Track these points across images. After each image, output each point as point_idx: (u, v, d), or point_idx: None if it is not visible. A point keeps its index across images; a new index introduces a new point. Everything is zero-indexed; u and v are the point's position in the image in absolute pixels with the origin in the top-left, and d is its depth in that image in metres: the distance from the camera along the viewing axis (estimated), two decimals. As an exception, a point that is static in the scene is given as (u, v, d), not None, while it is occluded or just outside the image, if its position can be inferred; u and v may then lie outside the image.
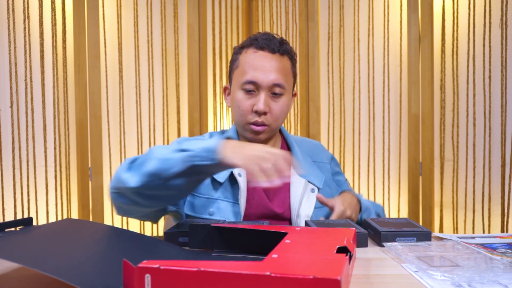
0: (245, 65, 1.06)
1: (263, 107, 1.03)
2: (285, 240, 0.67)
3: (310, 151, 1.20)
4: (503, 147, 1.72)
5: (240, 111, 1.07)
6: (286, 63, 1.08)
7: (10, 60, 1.70)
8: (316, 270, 0.50)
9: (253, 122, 1.06)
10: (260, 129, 1.06)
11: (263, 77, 1.04)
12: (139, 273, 0.49)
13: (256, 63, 1.05)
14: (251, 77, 1.04)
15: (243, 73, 1.06)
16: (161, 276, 0.49)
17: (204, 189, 1.08)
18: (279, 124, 1.09)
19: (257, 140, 1.09)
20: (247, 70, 1.05)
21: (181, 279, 0.49)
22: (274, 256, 0.56)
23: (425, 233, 0.84)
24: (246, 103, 1.05)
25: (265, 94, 1.04)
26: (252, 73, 1.04)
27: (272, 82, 1.04)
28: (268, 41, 1.06)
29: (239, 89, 1.07)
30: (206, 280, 0.48)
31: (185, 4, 2.04)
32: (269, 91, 1.05)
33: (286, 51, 1.09)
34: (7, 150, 1.69)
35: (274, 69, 1.04)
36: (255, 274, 0.48)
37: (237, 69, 1.09)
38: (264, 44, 1.06)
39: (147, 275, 0.49)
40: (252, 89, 1.05)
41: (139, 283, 0.49)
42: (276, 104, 1.06)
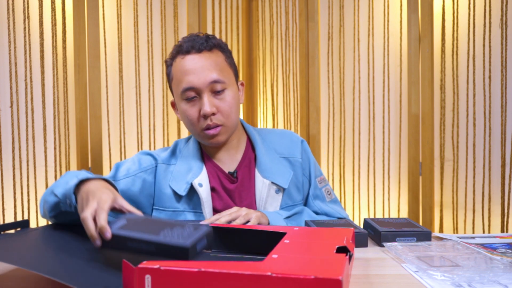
0: (178, 74, 1.03)
1: (209, 109, 1.00)
2: (284, 240, 0.67)
3: (279, 145, 1.15)
4: (503, 147, 1.72)
5: (189, 121, 1.04)
6: (217, 57, 1.04)
7: (10, 60, 1.70)
8: (317, 270, 0.50)
9: (205, 127, 1.03)
10: (214, 132, 1.03)
11: (197, 79, 1.00)
12: (139, 274, 0.49)
13: (186, 68, 1.02)
14: (186, 84, 1.01)
15: (178, 83, 1.03)
16: (161, 277, 0.49)
17: (168, 202, 1.07)
18: (233, 120, 1.06)
19: (217, 143, 1.06)
20: (180, 78, 1.02)
21: (181, 279, 0.49)
22: (274, 256, 0.56)
23: (425, 233, 0.84)
24: (192, 111, 1.03)
25: (207, 95, 1.01)
26: (186, 79, 1.01)
27: (209, 81, 1.01)
28: (192, 43, 1.03)
29: (181, 100, 1.04)
30: (207, 281, 0.48)
31: (185, 4, 2.04)
32: (210, 91, 1.02)
33: (214, 45, 1.05)
34: (7, 150, 1.69)
35: (206, 68, 1.01)
36: (256, 274, 0.47)
37: (173, 81, 1.06)
38: (188, 47, 1.03)
39: (147, 275, 0.49)
40: (193, 95, 1.02)
41: (139, 284, 0.49)
42: (221, 101, 1.03)
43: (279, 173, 1.08)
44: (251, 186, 1.08)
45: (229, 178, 1.09)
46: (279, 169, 1.09)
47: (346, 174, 2.07)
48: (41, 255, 0.64)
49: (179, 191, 1.05)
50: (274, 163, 1.09)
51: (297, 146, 1.14)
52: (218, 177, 1.09)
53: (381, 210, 2.03)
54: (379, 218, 0.97)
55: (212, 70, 1.01)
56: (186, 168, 1.08)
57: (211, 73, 1.01)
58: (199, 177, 1.05)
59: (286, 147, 1.14)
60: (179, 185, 1.06)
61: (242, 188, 1.08)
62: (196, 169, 1.07)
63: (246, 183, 1.09)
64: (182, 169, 1.08)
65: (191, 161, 1.09)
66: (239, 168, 1.10)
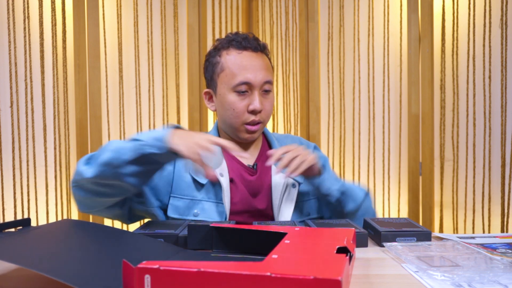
0: (233, 67, 1.07)
1: (260, 106, 1.06)
2: (284, 240, 0.67)
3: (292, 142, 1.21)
4: (503, 147, 1.72)
5: (235, 113, 1.07)
6: (266, 59, 1.12)
7: (10, 60, 1.70)
8: (317, 270, 0.50)
9: (249, 122, 1.07)
10: (255, 128, 1.08)
11: (254, 76, 1.05)
12: (139, 274, 0.49)
13: (244, 63, 1.06)
14: (244, 78, 1.05)
15: (232, 76, 1.06)
16: (160, 277, 0.49)
17: (186, 190, 1.08)
18: (269, 118, 1.13)
19: (252, 139, 1.11)
20: (236, 71, 1.06)
21: (180, 279, 0.49)
22: (274, 256, 0.56)
23: (425, 233, 0.84)
24: (241, 104, 1.06)
25: (258, 93, 1.07)
26: (244, 74, 1.05)
27: (263, 80, 1.06)
28: (248, 41, 1.08)
29: (231, 92, 1.07)
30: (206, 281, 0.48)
31: (185, 4, 2.04)
32: (261, 89, 1.07)
33: (264, 48, 1.12)
34: (7, 150, 1.69)
35: (262, 67, 1.07)
36: (255, 274, 0.48)
37: (223, 72, 1.08)
38: (246, 44, 1.08)
39: (146, 275, 0.49)
40: (245, 90, 1.06)
41: (139, 283, 0.49)
42: (267, 100, 1.09)
43: None
44: (268, 180, 1.11)
45: (248, 171, 1.12)
46: None
47: (346, 174, 2.07)
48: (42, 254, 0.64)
49: (200, 179, 1.07)
50: None
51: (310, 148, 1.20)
52: (238, 170, 1.11)
53: (381, 210, 2.03)
54: (379, 218, 0.97)
55: (266, 70, 1.08)
56: None
57: (265, 73, 1.07)
58: (220, 167, 1.08)
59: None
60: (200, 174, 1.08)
61: (260, 181, 1.11)
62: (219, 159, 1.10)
63: (263, 176, 1.12)
64: None
65: None
66: (258, 161, 1.14)
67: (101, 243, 0.76)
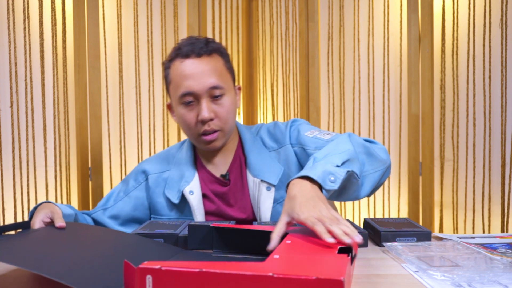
0: (176, 78, 1.02)
1: (207, 114, 0.99)
2: (286, 240, 0.67)
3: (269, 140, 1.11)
4: (503, 147, 1.72)
5: (186, 125, 1.03)
6: (216, 62, 1.03)
7: (10, 60, 1.70)
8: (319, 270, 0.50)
9: (202, 132, 1.02)
10: (212, 138, 1.03)
11: (197, 84, 0.99)
12: (140, 274, 0.49)
13: (186, 72, 1.00)
14: (185, 89, 1.00)
15: (177, 87, 1.02)
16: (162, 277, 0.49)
17: (162, 210, 1.08)
18: (230, 126, 1.05)
19: (214, 148, 1.06)
20: (179, 82, 1.01)
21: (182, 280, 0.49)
22: (275, 256, 0.56)
23: (425, 233, 0.84)
24: (190, 115, 1.02)
25: (206, 101, 1.00)
26: (185, 83, 1.00)
27: (208, 86, 1.00)
28: (192, 46, 1.02)
29: (179, 104, 1.03)
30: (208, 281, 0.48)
31: (185, 4, 2.04)
32: (209, 96, 1.01)
33: (213, 49, 1.04)
34: (7, 150, 1.69)
35: (206, 73, 1.00)
36: (257, 275, 0.47)
37: (171, 84, 1.05)
38: (188, 51, 1.01)
39: (148, 276, 0.49)
40: (191, 100, 1.01)
41: (140, 284, 0.49)
42: (220, 107, 1.02)
43: (269, 170, 1.05)
44: (244, 187, 1.07)
45: (221, 182, 1.08)
46: (269, 166, 1.06)
47: (346, 174, 2.06)
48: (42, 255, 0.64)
49: (173, 199, 1.06)
50: (264, 160, 1.07)
51: (285, 132, 1.10)
52: (210, 182, 1.09)
53: (381, 210, 2.03)
54: (379, 218, 0.97)
55: (211, 75, 1.00)
56: (179, 175, 1.09)
57: (210, 78, 1.00)
58: (190, 184, 1.05)
59: (275, 140, 1.11)
60: (172, 193, 1.07)
61: (236, 189, 1.08)
62: (188, 176, 1.07)
63: (238, 184, 1.08)
64: (175, 176, 1.09)
65: (184, 168, 1.09)
66: (230, 170, 1.09)
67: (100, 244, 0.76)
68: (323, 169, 0.80)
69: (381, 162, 0.94)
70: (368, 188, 0.92)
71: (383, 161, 0.95)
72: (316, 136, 1.05)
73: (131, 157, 1.98)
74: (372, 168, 0.92)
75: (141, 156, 1.97)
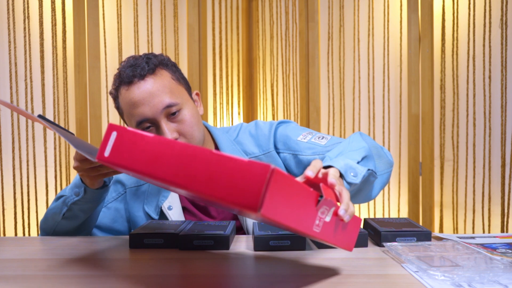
0: (127, 108, 0.95)
1: (171, 136, 0.92)
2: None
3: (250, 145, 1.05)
4: (503, 147, 1.72)
5: None
6: (163, 78, 0.95)
7: (10, 60, 1.70)
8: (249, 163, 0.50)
9: None
10: None
11: (149, 109, 0.92)
12: (109, 130, 0.60)
13: (134, 100, 0.92)
14: (139, 117, 0.93)
15: (130, 117, 0.95)
16: (124, 136, 0.59)
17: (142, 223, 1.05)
18: (197, 137, 0.97)
19: None
20: (130, 112, 0.94)
21: (139, 142, 0.57)
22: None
23: (425, 233, 0.84)
24: None
25: (164, 122, 0.93)
26: (137, 112, 0.93)
27: (161, 107, 0.92)
28: (132, 69, 0.94)
29: None
30: (159, 147, 0.55)
31: (185, 4, 2.04)
32: (165, 116, 0.93)
33: (156, 65, 0.96)
34: (7, 150, 1.69)
35: (155, 94, 0.92)
36: (199, 148, 0.52)
37: (124, 115, 0.98)
38: (129, 76, 0.93)
39: (114, 132, 0.60)
40: (149, 125, 0.94)
41: (105, 140, 0.61)
42: (180, 123, 0.95)
43: None
44: None
45: None
46: None
47: (346, 174, 2.06)
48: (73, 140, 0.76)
49: (152, 214, 1.02)
50: None
51: (270, 137, 1.03)
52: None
53: (381, 210, 2.03)
54: (379, 218, 0.97)
55: (161, 95, 0.93)
56: (157, 189, 1.04)
57: (162, 98, 0.92)
58: (168, 199, 1.01)
59: (258, 145, 1.04)
60: (151, 209, 1.03)
61: None
62: (166, 190, 1.03)
63: None
64: (153, 190, 1.05)
65: None
66: None
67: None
68: (344, 162, 0.75)
69: (389, 164, 0.92)
70: (378, 189, 0.89)
71: (390, 163, 0.93)
72: (311, 141, 0.99)
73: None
74: (382, 169, 0.89)
75: (141, 156, 1.97)
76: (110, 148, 0.60)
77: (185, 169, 0.52)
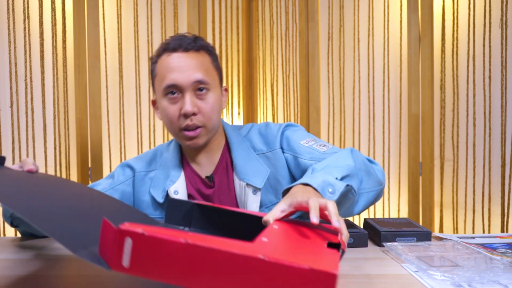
0: (162, 71, 1.00)
1: (190, 108, 0.97)
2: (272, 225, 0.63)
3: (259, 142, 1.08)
4: (503, 147, 1.72)
5: (168, 119, 1.01)
6: (204, 58, 1.02)
7: (10, 60, 1.70)
8: (311, 260, 0.46)
9: (184, 127, 0.99)
10: (194, 134, 1.00)
11: (181, 77, 0.97)
12: (120, 236, 0.44)
13: (171, 65, 0.99)
14: (170, 81, 0.98)
15: (161, 80, 1.00)
16: (143, 243, 0.44)
17: (147, 210, 1.07)
18: (214, 123, 1.02)
19: (195, 145, 1.02)
20: (164, 75, 0.99)
21: (165, 249, 0.44)
22: (263, 239, 0.53)
23: (425, 233, 0.84)
24: (173, 108, 0.99)
25: (190, 95, 0.98)
26: (170, 76, 0.98)
27: (193, 80, 0.97)
28: (180, 41, 1.00)
29: (163, 97, 1.00)
30: (193, 255, 0.44)
31: (185, 4, 2.04)
32: (193, 90, 0.98)
33: (201, 47, 1.02)
34: (7, 150, 1.69)
35: (192, 67, 0.98)
36: (247, 255, 0.44)
37: (156, 77, 1.03)
38: (176, 45, 1.00)
39: (128, 238, 0.44)
40: (174, 92, 0.99)
41: (118, 246, 0.44)
42: (204, 102, 0.99)
43: (255, 173, 1.03)
44: (231, 189, 1.04)
45: (206, 184, 1.06)
46: (255, 168, 1.03)
47: (346, 174, 2.06)
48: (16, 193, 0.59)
49: (157, 198, 1.04)
50: (250, 163, 1.04)
51: (276, 136, 1.08)
52: (196, 183, 1.07)
53: (381, 210, 2.03)
54: (379, 218, 0.97)
55: (197, 70, 0.98)
56: (165, 175, 1.06)
57: (196, 72, 0.98)
58: (175, 184, 1.03)
59: (266, 143, 1.08)
60: (157, 192, 1.04)
61: (221, 192, 1.05)
62: (173, 176, 1.05)
63: (224, 186, 1.06)
64: (161, 176, 1.07)
65: (170, 167, 1.07)
66: (215, 173, 1.06)
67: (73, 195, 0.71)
68: (322, 179, 0.79)
69: (377, 182, 0.94)
70: (361, 206, 0.91)
71: (379, 181, 0.95)
72: (311, 146, 1.03)
73: (131, 157, 1.98)
74: (369, 187, 0.92)
75: (141, 156, 1.97)
76: (128, 258, 0.44)
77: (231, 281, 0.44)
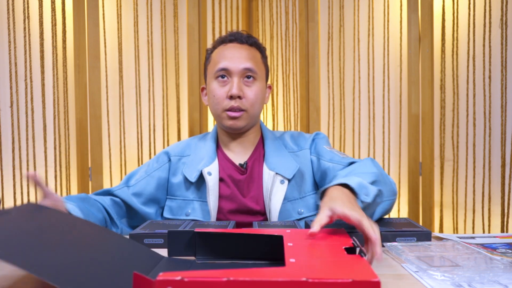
0: (216, 57, 1.13)
1: (237, 91, 1.08)
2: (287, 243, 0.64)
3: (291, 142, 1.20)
4: (503, 147, 1.72)
5: (215, 99, 1.11)
6: (255, 53, 1.15)
7: (10, 60, 1.70)
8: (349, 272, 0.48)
9: (229, 108, 1.09)
10: (237, 115, 1.10)
11: (233, 63, 1.10)
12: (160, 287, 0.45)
13: (225, 53, 1.12)
14: (222, 65, 1.10)
15: (215, 65, 1.12)
16: None
17: (178, 191, 1.13)
18: (256, 110, 1.13)
19: (236, 127, 1.11)
20: (218, 60, 1.12)
21: None
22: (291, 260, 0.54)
23: (425, 233, 0.84)
24: (221, 90, 1.10)
25: (238, 80, 1.09)
26: (223, 61, 1.10)
27: (242, 67, 1.09)
28: (236, 35, 1.15)
29: (213, 79, 1.12)
30: None
31: (185, 4, 2.04)
32: (241, 76, 1.10)
33: (254, 43, 1.16)
34: (7, 150, 1.69)
35: (244, 56, 1.11)
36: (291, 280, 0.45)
37: (210, 63, 1.16)
38: (232, 38, 1.14)
39: None
40: (224, 75, 1.10)
41: None
42: (249, 89, 1.11)
43: (285, 165, 1.12)
44: (260, 179, 1.12)
45: (238, 170, 1.13)
46: (286, 162, 1.13)
47: (346, 174, 2.06)
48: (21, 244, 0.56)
49: (190, 177, 1.11)
50: (281, 157, 1.14)
51: (308, 140, 1.20)
52: (228, 169, 1.14)
53: (381, 210, 2.03)
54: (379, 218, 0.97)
55: (247, 59, 1.11)
56: (199, 158, 1.15)
57: (246, 61, 1.10)
58: (210, 166, 1.11)
59: (296, 144, 1.19)
60: (190, 172, 1.12)
61: (251, 180, 1.13)
62: (208, 159, 1.13)
63: (254, 175, 1.13)
64: (195, 159, 1.15)
65: (205, 152, 1.16)
66: (249, 160, 1.15)
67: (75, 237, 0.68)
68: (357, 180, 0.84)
69: (393, 192, 1.00)
70: (378, 214, 0.95)
71: (394, 192, 1.01)
72: (332, 151, 1.15)
73: (131, 157, 1.98)
74: (387, 196, 0.96)
75: (141, 156, 1.97)
76: None
77: None
